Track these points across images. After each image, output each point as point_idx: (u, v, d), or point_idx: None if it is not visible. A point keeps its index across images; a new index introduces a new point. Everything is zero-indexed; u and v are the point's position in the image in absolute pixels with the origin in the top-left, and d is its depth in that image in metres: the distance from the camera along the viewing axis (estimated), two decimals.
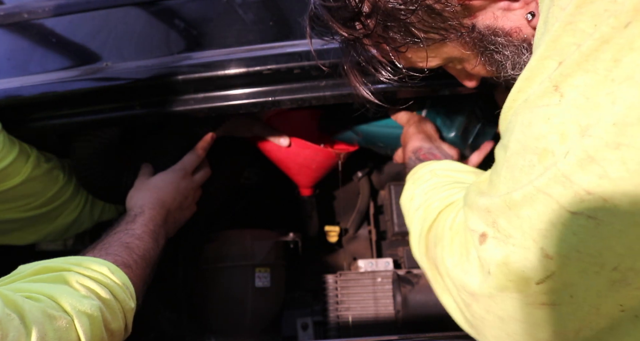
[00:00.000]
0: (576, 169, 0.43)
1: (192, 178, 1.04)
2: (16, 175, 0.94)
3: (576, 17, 0.45)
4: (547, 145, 0.46)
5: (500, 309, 0.52)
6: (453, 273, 0.60)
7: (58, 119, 0.98)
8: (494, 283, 0.51)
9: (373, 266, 1.23)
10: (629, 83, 0.41)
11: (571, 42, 0.45)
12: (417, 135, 1.02)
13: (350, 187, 1.38)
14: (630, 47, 0.41)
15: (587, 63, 0.44)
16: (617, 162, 0.41)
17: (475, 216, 0.55)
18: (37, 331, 0.57)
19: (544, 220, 0.46)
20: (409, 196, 0.83)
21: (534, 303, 0.49)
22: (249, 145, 1.18)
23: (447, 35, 0.68)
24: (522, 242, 0.48)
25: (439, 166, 0.87)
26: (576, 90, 0.44)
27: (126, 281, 0.75)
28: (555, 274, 0.46)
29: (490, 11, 0.65)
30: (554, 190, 0.45)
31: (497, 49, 0.67)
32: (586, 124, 0.43)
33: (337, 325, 1.16)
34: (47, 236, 1.08)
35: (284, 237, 1.24)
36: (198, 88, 0.96)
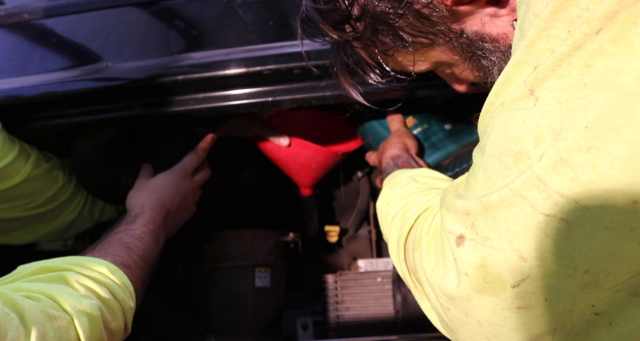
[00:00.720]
0: (550, 172, 0.44)
1: (192, 179, 1.04)
2: (16, 175, 0.94)
3: (550, 24, 0.46)
4: (522, 148, 0.47)
5: (478, 313, 0.53)
6: (432, 277, 0.60)
7: (58, 119, 0.98)
8: (471, 284, 0.52)
9: (373, 266, 1.24)
10: (600, 88, 0.42)
11: (546, 47, 0.46)
12: (398, 145, 1.03)
13: (350, 187, 1.39)
14: (601, 52, 0.42)
15: (560, 68, 0.44)
16: (588, 165, 0.42)
17: (453, 218, 0.55)
18: (37, 331, 0.57)
19: (519, 223, 0.47)
20: (386, 201, 0.83)
21: (510, 307, 0.50)
22: (249, 145, 1.18)
23: (436, 40, 0.69)
24: (499, 244, 0.49)
25: (418, 173, 0.87)
26: (550, 95, 0.45)
27: (125, 281, 0.75)
28: (530, 276, 0.47)
29: (477, 17, 0.66)
30: (529, 193, 0.46)
31: (485, 54, 0.68)
32: (560, 128, 0.44)
33: (337, 325, 1.16)
34: (46, 236, 1.08)
35: (284, 237, 1.24)
36: (198, 88, 0.96)
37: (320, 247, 1.37)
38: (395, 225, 0.75)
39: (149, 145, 1.10)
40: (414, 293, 0.69)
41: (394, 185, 0.85)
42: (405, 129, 1.09)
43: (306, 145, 1.12)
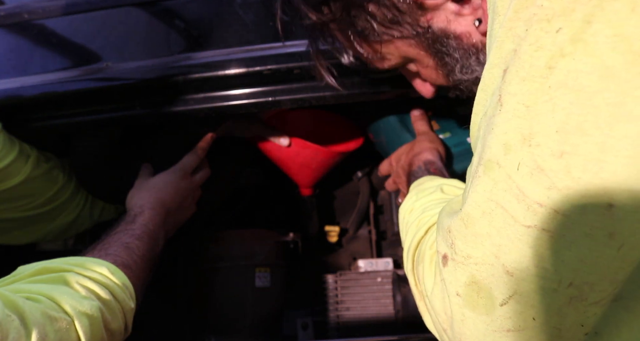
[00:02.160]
0: (527, 180, 0.43)
1: (192, 179, 1.04)
2: (16, 175, 0.94)
3: (514, 23, 0.45)
4: (491, 156, 0.45)
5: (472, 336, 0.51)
6: (431, 296, 0.58)
7: (58, 119, 0.98)
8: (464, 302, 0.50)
9: (373, 266, 1.23)
10: (564, 90, 0.41)
11: (511, 48, 0.45)
12: (433, 151, 1.01)
13: (350, 187, 1.38)
14: (561, 53, 0.41)
15: (522, 70, 0.43)
16: (561, 171, 0.41)
17: (440, 236, 0.54)
18: (38, 333, 0.57)
19: (502, 236, 0.45)
20: (409, 208, 0.81)
21: (501, 330, 0.48)
22: (249, 145, 1.18)
23: (403, 31, 0.71)
24: (484, 259, 0.47)
25: (447, 182, 0.85)
26: (514, 99, 0.44)
27: (126, 281, 0.75)
28: (517, 292, 0.45)
29: (443, 14, 0.69)
30: (509, 204, 0.44)
31: (448, 51, 0.70)
32: (529, 133, 0.43)
33: (337, 325, 1.16)
34: (46, 236, 1.08)
35: (284, 237, 1.24)
36: (198, 88, 0.96)
37: (320, 247, 1.37)
38: (410, 234, 0.74)
39: (149, 145, 1.10)
40: (419, 304, 0.68)
41: (420, 192, 0.83)
42: (434, 134, 1.07)
43: (306, 145, 1.12)
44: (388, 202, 1.30)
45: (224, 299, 1.16)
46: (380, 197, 1.38)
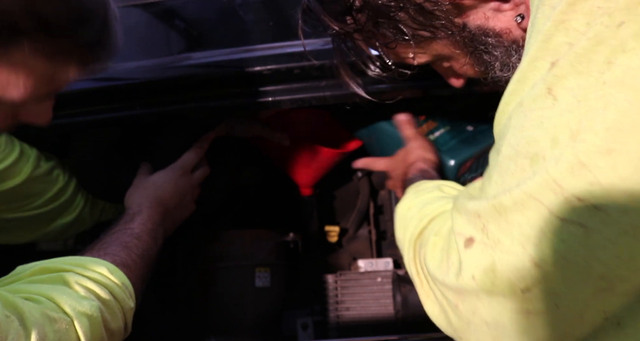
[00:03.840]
0: (567, 175, 0.42)
1: (191, 177, 1.04)
2: (16, 176, 0.94)
3: (569, 16, 0.44)
4: (538, 150, 0.45)
5: (487, 313, 0.51)
6: (434, 274, 0.59)
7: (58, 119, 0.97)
8: (479, 287, 0.50)
9: (373, 266, 1.23)
10: (621, 87, 0.40)
11: (564, 41, 0.44)
12: (427, 162, 1.01)
13: (350, 187, 1.38)
14: (622, 48, 0.40)
15: (580, 64, 0.43)
16: (607, 168, 0.40)
17: (464, 220, 0.53)
18: (37, 333, 0.57)
19: (533, 227, 0.45)
20: (407, 205, 0.82)
21: (519, 311, 0.48)
22: (249, 145, 1.18)
23: (437, 33, 0.69)
24: (511, 248, 0.47)
25: (446, 183, 0.85)
26: (569, 93, 0.43)
27: (125, 281, 0.75)
28: (541, 282, 0.45)
29: (481, 11, 0.66)
30: (545, 196, 0.44)
31: (487, 49, 0.68)
32: (577, 128, 0.42)
33: (337, 325, 1.16)
34: (46, 235, 1.08)
35: (284, 237, 1.24)
36: (198, 88, 0.96)
37: (320, 247, 1.37)
38: (410, 226, 0.74)
39: (148, 145, 1.10)
40: (420, 292, 0.68)
41: (418, 192, 0.83)
42: (424, 140, 1.06)
43: (307, 145, 1.12)
44: (388, 202, 1.30)
45: (224, 299, 1.16)
46: (380, 197, 1.38)
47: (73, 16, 0.61)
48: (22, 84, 0.61)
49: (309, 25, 0.78)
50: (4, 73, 0.60)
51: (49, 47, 0.60)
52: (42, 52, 0.60)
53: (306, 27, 0.79)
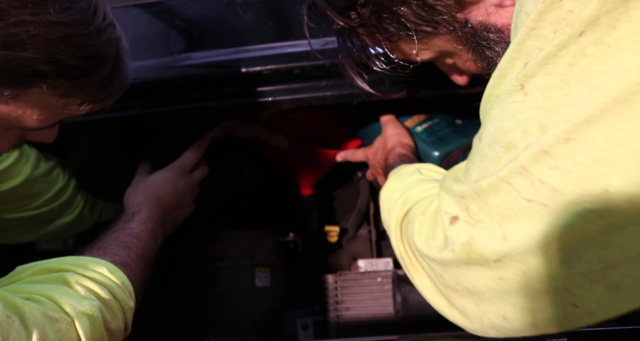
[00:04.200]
0: (532, 161, 0.48)
1: (191, 176, 1.04)
2: (16, 176, 0.94)
3: (538, 24, 0.49)
4: (511, 140, 0.51)
5: (467, 281, 0.57)
6: (421, 249, 0.65)
7: None
8: (457, 258, 0.57)
9: (373, 266, 1.23)
10: (583, 86, 0.46)
11: (534, 45, 0.50)
12: (405, 146, 1.04)
13: (350, 187, 1.38)
14: (583, 54, 0.46)
15: (547, 66, 0.48)
16: (566, 155, 0.46)
17: (451, 200, 0.59)
18: (38, 333, 0.57)
19: (506, 207, 0.51)
20: (390, 189, 0.86)
21: (493, 277, 0.54)
22: (249, 145, 1.18)
23: (439, 29, 0.70)
24: (490, 226, 0.53)
25: (424, 166, 0.89)
26: (537, 90, 0.49)
27: (125, 280, 0.75)
28: (509, 255, 0.51)
29: (483, 7, 0.67)
30: (515, 180, 0.49)
31: (489, 45, 0.69)
32: (545, 122, 0.48)
33: (337, 325, 1.16)
34: (46, 235, 1.08)
35: (284, 237, 1.24)
36: (198, 88, 0.96)
37: (320, 247, 1.37)
38: (395, 209, 0.78)
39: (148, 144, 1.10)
40: (409, 269, 0.73)
41: (400, 176, 0.88)
42: (401, 127, 1.09)
43: (306, 146, 1.12)
44: None
45: (224, 299, 1.16)
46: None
47: (91, 60, 0.64)
48: (37, 116, 0.66)
49: (314, 21, 0.79)
50: (22, 107, 0.64)
51: (65, 88, 0.64)
52: (59, 91, 0.64)
53: (311, 23, 0.79)
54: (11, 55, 0.57)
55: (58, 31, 0.59)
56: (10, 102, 0.62)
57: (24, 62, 0.59)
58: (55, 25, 0.59)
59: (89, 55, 0.64)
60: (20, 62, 0.58)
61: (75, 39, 0.62)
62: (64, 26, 0.60)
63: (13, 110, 0.64)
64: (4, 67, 0.58)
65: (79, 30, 0.62)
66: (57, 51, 0.60)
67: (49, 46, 0.59)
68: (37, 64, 0.59)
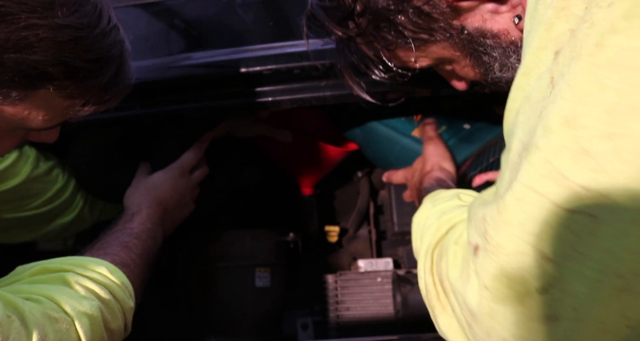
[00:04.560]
0: (568, 163, 0.40)
1: (190, 177, 1.04)
2: (16, 176, 0.94)
3: (568, 2, 0.43)
4: (531, 139, 0.43)
5: (502, 328, 0.47)
6: (455, 286, 0.55)
7: None
8: (492, 296, 0.47)
9: (373, 266, 1.23)
10: (614, 68, 0.39)
11: (565, 28, 0.43)
12: (443, 171, 1.01)
13: (350, 187, 1.38)
14: (612, 29, 0.39)
15: (574, 50, 0.41)
16: (611, 153, 0.39)
17: (473, 227, 0.51)
18: (38, 333, 0.57)
19: (538, 221, 0.42)
20: (425, 215, 0.79)
21: (537, 318, 0.44)
22: (249, 145, 1.18)
23: (436, 36, 0.70)
24: (516, 248, 0.44)
25: (463, 191, 0.83)
26: (562, 80, 0.42)
27: (125, 280, 0.75)
28: (557, 279, 0.42)
29: (478, 13, 0.67)
30: (546, 188, 0.42)
31: (486, 50, 0.69)
32: (571, 114, 0.41)
33: (337, 325, 1.16)
34: (45, 235, 1.08)
35: (284, 237, 1.24)
36: (198, 88, 0.96)
37: (320, 247, 1.37)
38: (427, 236, 0.71)
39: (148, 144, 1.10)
40: (433, 306, 0.63)
41: (436, 201, 0.81)
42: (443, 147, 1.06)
43: (310, 142, 1.12)
44: (388, 202, 1.30)
45: (224, 299, 1.16)
46: (380, 197, 1.38)
47: (97, 62, 0.66)
48: (42, 117, 0.67)
49: (312, 31, 0.80)
50: (27, 109, 0.65)
51: (71, 89, 0.65)
52: (65, 92, 0.65)
53: (310, 33, 0.80)
54: (21, 58, 0.59)
55: (66, 34, 0.61)
56: (17, 103, 0.63)
57: (33, 64, 0.60)
58: (63, 28, 0.60)
59: (95, 57, 0.65)
60: (30, 65, 0.60)
61: (82, 41, 0.63)
62: (71, 29, 0.61)
63: (19, 111, 0.65)
64: (14, 69, 0.59)
65: (85, 33, 0.63)
66: (64, 53, 0.61)
67: (57, 49, 0.61)
68: (45, 66, 0.61)
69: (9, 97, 0.62)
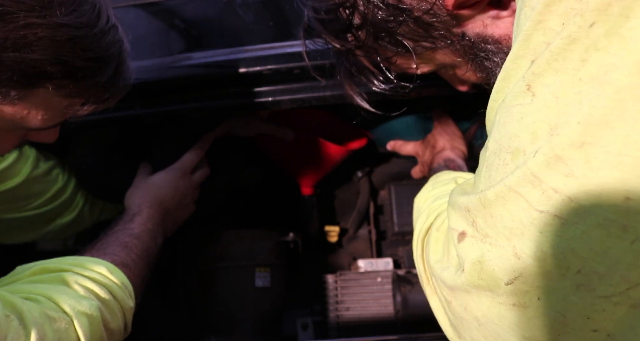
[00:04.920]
0: (544, 168, 0.43)
1: (191, 177, 1.04)
2: (16, 176, 0.94)
3: (545, 16, 0.46)
4: (519, 145, 0.46)
5: (476, 308, 0.52)
6: (434, 269, 0.60)
7: None
8: (467, 280, 0.52)
9: (373, 266, 1.23)
10: (594, 83, 0.41)
11: (541, 40, 0.46)
12: (454, 150, 1.02)
13: (350, 187, 1.38)
14: (595, 47, 0.42)
15: (556, 62, 0.44)
16: (581, 160, 0.41)
17: (457, 215, 0.54)
18: (37, 332, 0.57)
19: (515, 219, 0.46)
20: (424, 197, 0.83)
21: (506, 303, 0.48)
22: (249, 145, 1.18)
23: (437, 43, 0.70)
24: (497, 241, 0.48)
25: (463, 175, 0.86)
26: (547, 90, 0.44)
27: (125, 280, 0.75)
28: (523, 275, 0.46)
29: (479, 19, 0.67)
30: (524, 189, 0.45)
31: (487, 55, 0.68)
32: (555, 123, 0.43)
33: (337, 325, 1.16)
34: (46, 235, 1.08)
35: (284, 237, 1.24)
36: (198, 88, 0.96)
37: (320, 247, 1.37)
38: (420, 221, 0.76)
39: (148, 144, 1.10)
40: (426, 289, 0.69)
41: (436, 183, 0.85)
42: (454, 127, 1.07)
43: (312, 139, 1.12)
44: (388, 202, 1.30)
45: (224, 299, 1.16)
46: (380, 197, 1.38)
47: (95, 61, 0.66)
48: (41, 117, 0.67)
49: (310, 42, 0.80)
50: (26, 108, 0.65)
51: (70, 88, 0.65)
52: (64, 92, 0.65)
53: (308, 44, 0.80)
54: (20, 57, 0.59)
55: (64, 33, 0.61)
56: (16, 102, 0.63)
57: (32, 63, 0.60)
58: (61, 27, 0.60)
59: (93, 56, 0.65)
60: (28, 64, 0.60)
61: (81, 40, 0.63)
62: (70, 28, 0.61)
63: (18, 111, 0.65)
64: (13, 68, 0.59)
65: (84, 32, 0.63)
66: (63, 53, 0.61)
67: (56, 48, 0.61)
68: (44, 65, 0.61)
69: (8, 96, 0.62)
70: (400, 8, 0.66)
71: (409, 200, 1.25)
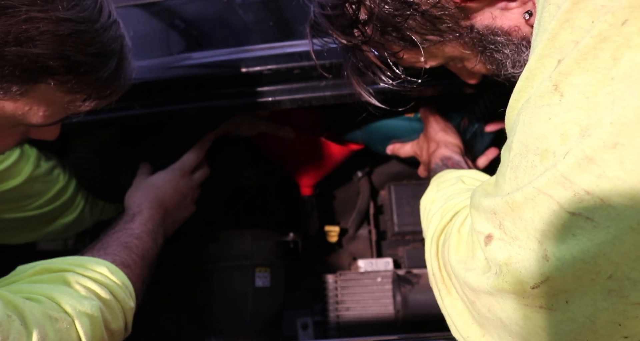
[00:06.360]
0: (575, 169, 0.42)
1: (191, 178, 1.04)
2: (17, 176, 0.94)
3: (573, 14, 0.45)
4: (548, 146, 0.45)
5: (501, 309, 0.51)
6: (456, 269, 0.59)
7: None
8: (493, 283, 0.51)
9: (373, 266, 1.23)
10: (627, 82, 0.41)
11: (569, 39, 0.45)
12: (449, 146, 1.01)
13: (350, 187, 1.38)
14: (627, 45, 0.41)
15: (586, 61, 0.43)
16: (614, 161, 0.40)
17: (482, 217, 0.53)
18: (38, 333, 0.57)
19: (545, 221, 0.45)
20: (431, 198, 0.82)
21: (532, 305, 0.48)
22: (249, 145, 1.18)
23: (445, 36, 0.69)
24: (527, 243, 0.47)
25: (466, 174, 0.86)
26: (576, 89, 0.44)
27: (125, 281, 0.75)
28: (550, 278, 0.45)
29: (488, 11, 0.66)
30: (554, 191, 0.44)
31: (497, 47, 0.68)
32: (586, 124, 0.42)
33: (337, 325, 1.16)
34: (46, 235, 1.08)
35: (284, 237, 1.24)
36: (198, 88, 0.96)
37: (320, 247, 1.37)
38: (434, 221, 0.75)
39: (149, 145, 1.10)
40: (439, 289, 0.68)
41: (441, 184, 0.84)
42: (444, 122, 1.07)
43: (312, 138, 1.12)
44: (388, 202, 1.30)
45: (224, 299, 1.16)
46: (380, 197, 1.38)
47: (97, 56, 0.66)
48: (42, 113, 0.67)
49: (317, 38, 0.79)
50: (28, 104, 0.65)
51: (72, 84, 0.65)
52: (66, 87, 0.65)
53: (314, 41, 0.80)
54: (22, 51, 0.59)
55: (67, 28, 0.61)
56: (18, 98, 0.63)
57: (34, 58, 0.60)
58: (64, 21, 0.60)
59: (96, 51, 0.65)
60: (30, 58, 0.59)
61: (83, 35, 0.63)
62: (72, 23, 0.61)
63: (20, 107, 0.65)
64: (15, 63, 0.59)
65: (86, 27, 0.63)
66: (65, 47, 0.61)
67: (58, 42, 0.60)
68: (46, 59, 0.61)
69: (10, 91, 0.62)
70: (407, 2, 0.66)
71: (409, 200, 1.26)
